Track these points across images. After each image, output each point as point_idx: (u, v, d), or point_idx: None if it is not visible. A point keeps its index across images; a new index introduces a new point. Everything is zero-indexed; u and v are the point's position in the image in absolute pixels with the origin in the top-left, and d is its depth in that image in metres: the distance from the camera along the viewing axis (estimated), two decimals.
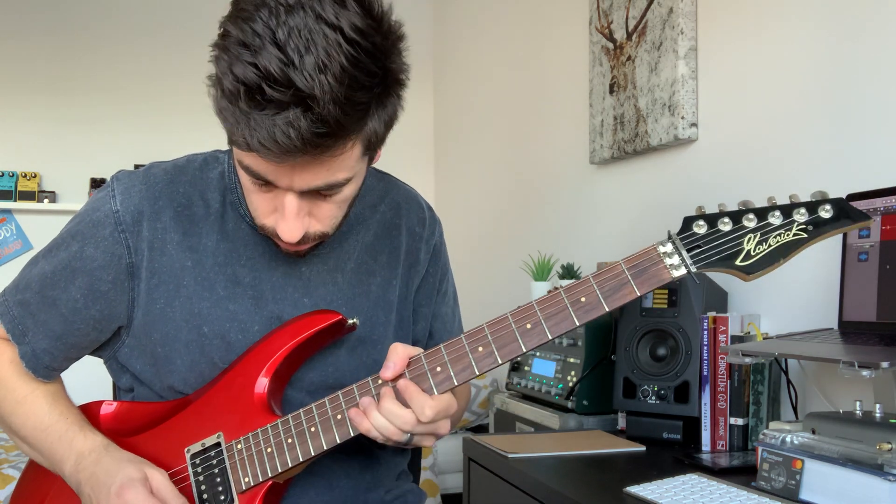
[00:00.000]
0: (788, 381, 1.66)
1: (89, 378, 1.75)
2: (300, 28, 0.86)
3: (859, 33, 1.65)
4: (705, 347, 1.68)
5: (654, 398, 1.74)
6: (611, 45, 2.47)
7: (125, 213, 1.10)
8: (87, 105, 4.15)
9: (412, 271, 1.23)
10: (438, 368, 1.01)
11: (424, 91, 4.39)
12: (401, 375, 1.01)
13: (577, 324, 0.97)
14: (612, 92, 2.46)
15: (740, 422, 1.63)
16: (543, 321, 0.98)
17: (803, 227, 0.93)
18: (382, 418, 0.99)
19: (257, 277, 1.12)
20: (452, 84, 4.15)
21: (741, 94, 1.98)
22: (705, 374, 1.67)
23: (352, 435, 1.03)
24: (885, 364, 1.14)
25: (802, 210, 0.93)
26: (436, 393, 1.00)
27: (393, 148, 2.69)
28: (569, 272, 2.46)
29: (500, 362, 0.99)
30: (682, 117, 2.12)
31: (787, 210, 0.94)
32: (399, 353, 1.02)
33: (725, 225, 0.95)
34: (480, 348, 0.99)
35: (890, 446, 1.09)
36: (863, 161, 1.63)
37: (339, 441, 1.03)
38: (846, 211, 0.93)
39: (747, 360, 1.41)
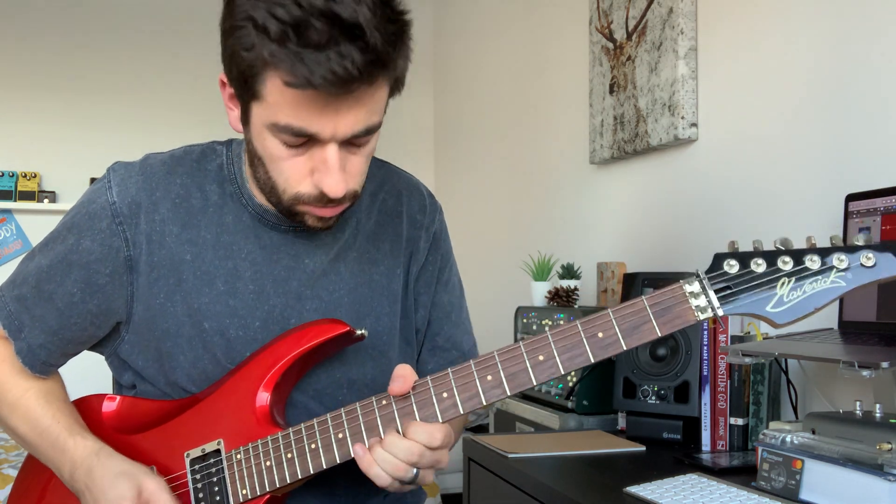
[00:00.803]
0: (788, 381, 1.66)
1: (88, 373, 1.74)
2: None
3: (859, 33, 1.65)
4: (705, 347, 1.68)
5: (654, 398, 1.74)
6: (611, 45, 2.47)
7: (122, 205, 1.08)
8: (87, 105, 4.16)
9: (412, 259, 1.21)
10: (445, 394, 0.97)
11: (424, 91, 4.39)
12: (407, 395, 0.99)
13: (592, 360, 0.92)
14: (612, 92, 2.46)
15: (740, 422, 1.63)
16: (557, 355, 0.94)
17: (842, 274, 0.87)
18: (387, 453, 0.97)
19: (259, 271, 1.10)
20: (452, 84, 4.15)
21: (741, 94, 1.98)
22: (705, 374, 1.67)
23: (352, 456, 1.00)
24: (885, 364, 1.14)
25: (842, 256, 0.87)
26: (440, 420, 0.98)
27: (393, 147, 2.71)
28: (569, 272, 2.46)
29: (508, 394, 0.95)
30: (682, 117, 2.12)
31: (825, 254, 0.87)
32: (407, 371, 1.00)
33: (759, 266, 0.89)
34: (489, 377, 0.96)
35: (890, 446, 1.09)
36: (863, 161, 1.63)
37: (339, 461, 1.01)
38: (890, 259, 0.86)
39: (747, 360, 1.41)
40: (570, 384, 1.99)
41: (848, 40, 1.68)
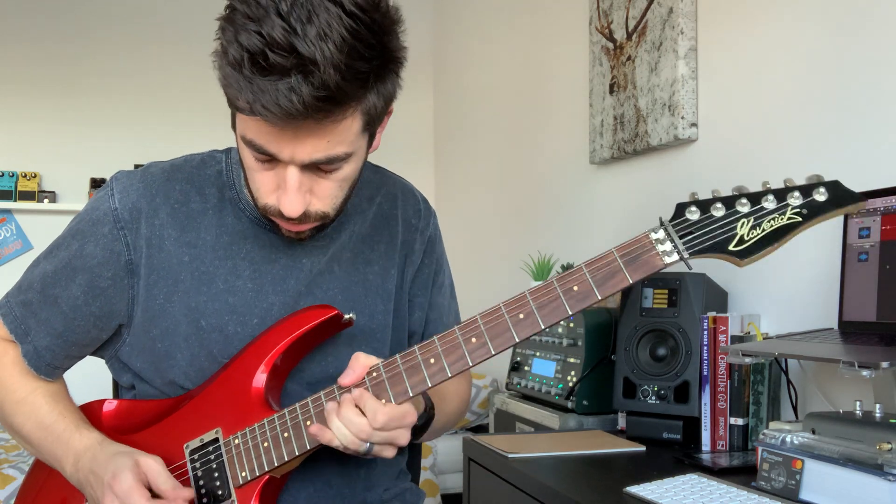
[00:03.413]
0: (788, 381, 1.66)
1: (90, 377, 1.75)
2: (303, 1, 0.90)
3: (859, 33, 1.65)
4: (705, 347, 1.67)
5: (654, 398, 1.74)
6: (611, 45, 2.47)
7: (123, 211, 1.12)
8: (87, 105, 4.15)
9: (407, 261, 1.25)
10: (432, 360, 1.01)
11: (424, 90, 4.39)
12: (360, 384, 1.02)
13: (570, 313, 0.97)
14: (612, 92, 2.46)
15: (740, 422, 1.63)
16: (536, 311, 0.97)
17: (797, 210, 0.92)
18: (340, 423, 1.00)
19: (257, 270, 1.14)
20: (452, 83, 4.15)
21: (741, 94, 1.98)
22: (705, 374, 1.67)
23: None
24: (885, 364, 1.14)
25: (796, 193, 0.92)
26: (429, 384, 1.00)
27: (393, 147, 2.71)
28: None
29: (493, 353, 0.99)
30: (682, 117, 2.12)
31: (780, 194, 0.93)
32: (360, 362, 1.03)
33: (718, 210, 0.94)
34: (473, 339, 0.99)
35: (890, 446, 1.09)
36: (863, 161, 1.63)
37: None
38: (842, 193, 0.91)
39: (747, 360, 1.41)
40: (570, 384, 1.99)
41: (848, 40, 1.68)
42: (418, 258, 1.26)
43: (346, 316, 1.11)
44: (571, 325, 2.04)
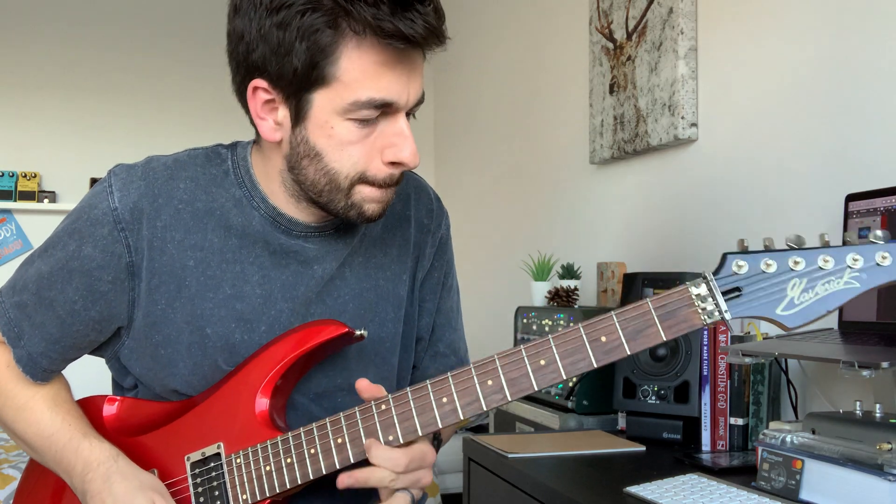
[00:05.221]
0: (788, 381, 1.66)
1: (89, 374, 1.74)
2: None
3: (859, 33, 1.65)
4: (705, 347, 1.67)
5: (654, 398, 1.74)
6: (611, 45, 2.47)
7: (124, 211, 1.06)
8: (87, 105, 4.16)
9: (419, 265, 1.21)
10: (444, 399, 0.96)
11: (424, 90, 4.38)
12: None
13: (595, 366, 0.90)
14: (612, 92, 2.46)
15: (740, 422, 1.62)
16: (559, 359, 0.91)
17: (856, 274, 0.83)
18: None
19: (266, 276, 1.09)
20: (452, 84, 4.15)
21: (741, 94, 1.98)
22: (705, 374, 1.67)
23: (352, 461, 1.00)
24: (885, 364, 1.14)
25: (857, 255, 0.83)
26: (439, 425, 0.97)
27: None
28: (569, 272, 2.46)
29: (509, 400, 0.94)
30: (682, 117, 2.12)
31: (839, 253, 0.84)
32: (372, 393, 1.01)
33: (769, 267, 0.85)
34: (490, 382, 0.94)
35: (890, 446, 1.09)
36: (863, 161, 1.63)
37: (338, 466, 1.01)
38: None
39: (747, 360, 1.41)
40: (571, 384, 1.99)
41: (848, 40, 1.68)
42: (429, 261, 1.22)
43: (358, 332, 1.06)
44: (571, 324, 2.04)
